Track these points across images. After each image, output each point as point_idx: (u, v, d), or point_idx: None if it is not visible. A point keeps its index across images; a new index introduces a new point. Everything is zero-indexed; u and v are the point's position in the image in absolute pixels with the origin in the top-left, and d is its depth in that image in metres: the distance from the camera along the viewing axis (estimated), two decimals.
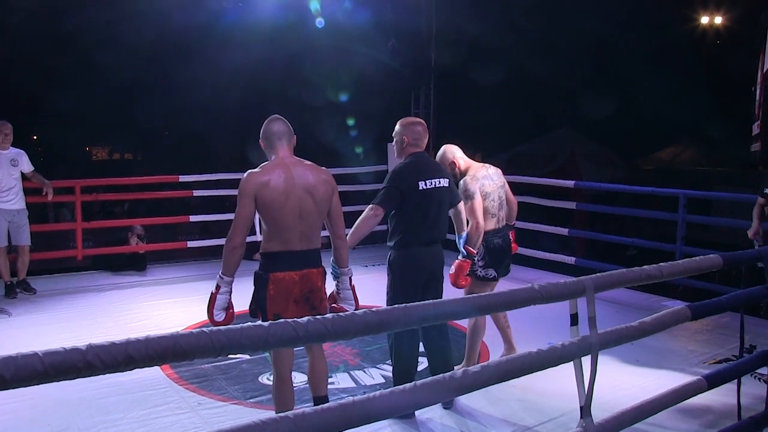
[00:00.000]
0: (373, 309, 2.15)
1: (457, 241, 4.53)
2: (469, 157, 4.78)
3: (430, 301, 2.35)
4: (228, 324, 3.29)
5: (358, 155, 13.21)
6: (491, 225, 4.58)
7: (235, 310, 3.45)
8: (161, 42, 16.93)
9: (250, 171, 3.42)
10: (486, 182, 4.56)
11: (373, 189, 5.48)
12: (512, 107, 19.49)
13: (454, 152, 4.68)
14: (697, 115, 18.05)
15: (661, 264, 3.14)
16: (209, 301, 3.38)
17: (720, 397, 4.05)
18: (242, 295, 3.54)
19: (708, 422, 4.00)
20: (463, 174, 4.61)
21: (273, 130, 3.52)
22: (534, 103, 20.31)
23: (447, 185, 4.21)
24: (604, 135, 16.71)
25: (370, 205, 4.05)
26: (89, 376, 1.59)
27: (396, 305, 2.24)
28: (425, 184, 4.07)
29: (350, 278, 3.66)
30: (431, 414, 4.10)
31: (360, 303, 3.67)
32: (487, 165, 4.75)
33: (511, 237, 4.80)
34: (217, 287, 3.37)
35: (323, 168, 3.59)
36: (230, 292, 3.40)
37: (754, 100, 11.07)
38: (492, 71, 17.21)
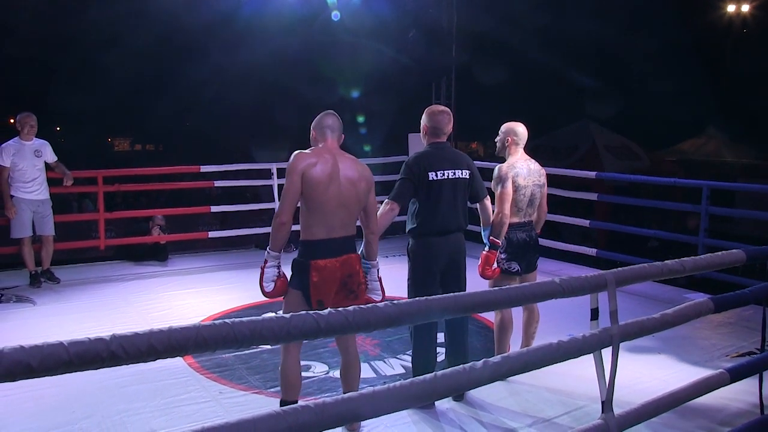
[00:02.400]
0: (395, 301, 2.15)
1: (482, 233, 4.51)
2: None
3: (451, 294, 2.34)
4: (279, 294, 3.49)
5: (376, 147, 13.18)
6: (516, 218, 4.49)
7: (251, 302, 3.50)
8: (178, 37, 17.03)
9: (298, 151, 3.49)
10: (522, 173, 4.44)
11: (390, 180, 5.49)
12: (532, 99, 19.38)
13: (516, 132, 4.56)
14: (721, 106, 17.84)
15: (684, 259, 3.11)
16: (260, 275, 3.49)
17: (743, 390, 4.01)
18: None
19: (730, 416, 3.96)
20: (507, 156, 4.57)
21: (327, 122, 3.61)
22: (555, 94, 20.18)
23: (467, 177, 4.19)
24: (626, 127, 16.56)
25: (386, 200, 4.10)
26: (113, 366, 1.61)
27: (417, 297, 2.24)
28: (436, 175, 4.08)
29: (378, 270, 3.75)
30: (451, 404, 4.10)
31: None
32: (533, 160, 4.61)
33: (535, 234, 4.68)
34: (265, 261, 3.48)
35: (364, 164, 3.65)
36: (278, 266, 3.50)
37: None
38: (513, 62, 17.10)
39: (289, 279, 3.54)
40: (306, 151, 3.51)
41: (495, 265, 4.38)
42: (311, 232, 3.46)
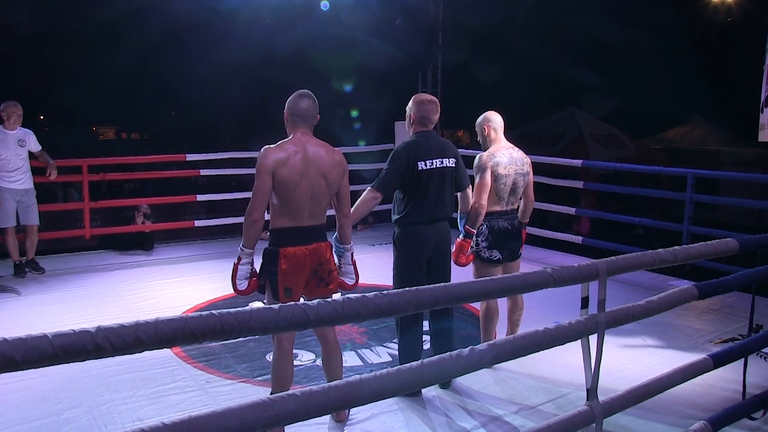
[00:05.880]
0: (384, 292, 2.14)
1: (458, 221, 4.53)
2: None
3: (441, 284, 2.34)
4: (251, 292, 3.49)
5: (362, 137, 13.17)
6: (498, 207, 4.49)
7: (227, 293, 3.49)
8: (168, 29, 16.96)
9: (267, 147, 3.45)
10: (503, 162, 4.42)
11: (376, 168, 5.47)
12: (520, 86, 19.38)
13: (490, 119, 4.56)
14: (707, 94, 17.91)
15: (675, 247, 3.11)
16: (232, 272, 3.49)
17: (726, 376, 4.06)
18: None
19: (713, 401, 4.00)
20: (489, 145, 4.56)
21: (300, 108, 3.52)
22: (541, 83, 20.20)
23: (453, 165, 4.20)
24: (612, 115, 16.61)
25: (369, 187, 4.11)
26: (99, 358, 1.60)
27: (403, 286, 2.24)
28: (425, 165, 4.08)
29: (352, 254, 3.76)
30: (437, 392, 4.13)
31: (367, 282, 3.71)
32: (516, 148, 4.58)
33: (518, 223, 4.64)
34: (239, 258, 3.47)
35: (337, 149, 3.62)
36: (251, 263, 3.50)
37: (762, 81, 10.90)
38: (500, 51, 17.07)
39: (259, 269, 3.54)
40: (274, 146, 3.44)
41: (468, 252, 4.42)
42: (281, 221, 3.47)
